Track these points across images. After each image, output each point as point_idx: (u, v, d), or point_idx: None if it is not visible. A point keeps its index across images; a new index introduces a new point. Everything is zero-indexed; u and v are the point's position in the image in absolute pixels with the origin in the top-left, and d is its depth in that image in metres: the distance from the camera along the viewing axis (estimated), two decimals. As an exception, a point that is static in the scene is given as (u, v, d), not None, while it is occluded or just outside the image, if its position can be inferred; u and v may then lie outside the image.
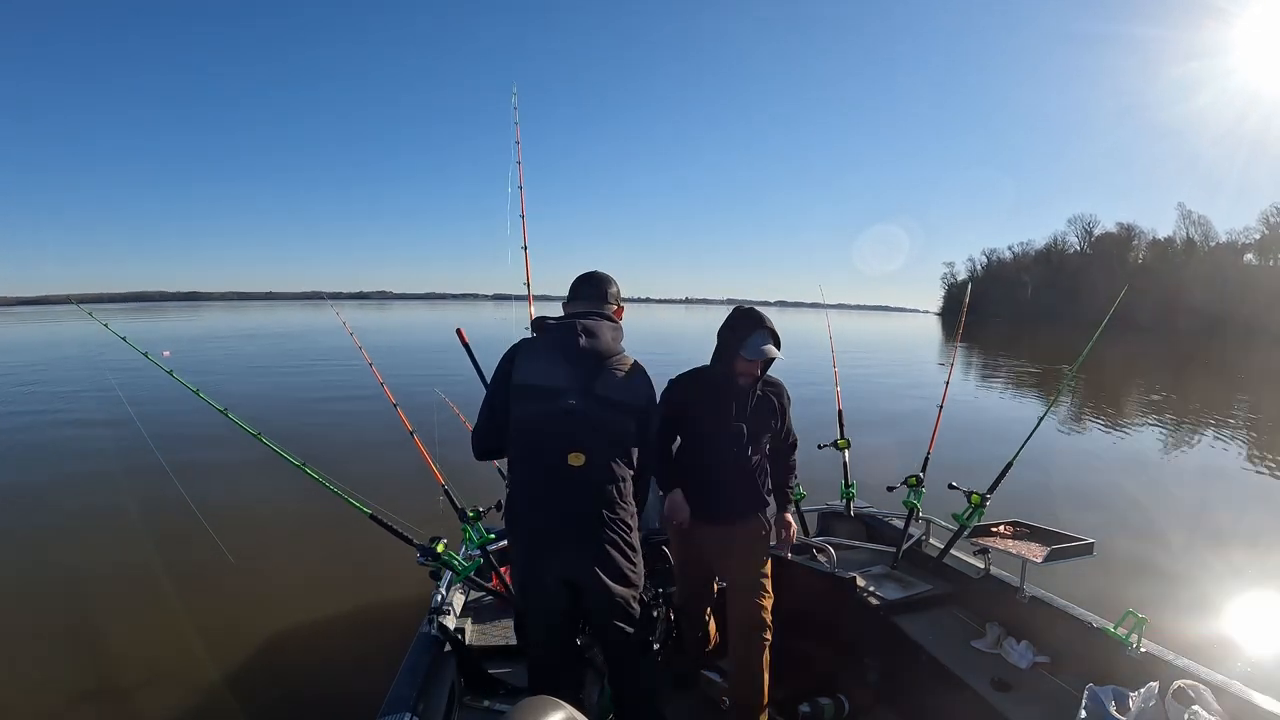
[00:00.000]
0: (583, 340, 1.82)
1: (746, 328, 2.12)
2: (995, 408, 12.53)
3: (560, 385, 1.78)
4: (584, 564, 1.76)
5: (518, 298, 2.78)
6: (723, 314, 2.25)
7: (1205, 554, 4.91)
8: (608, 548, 1.77)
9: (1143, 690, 1.83)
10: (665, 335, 27.58)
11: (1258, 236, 60.36)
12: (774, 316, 2.16)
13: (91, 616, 3.75)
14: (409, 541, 2.40)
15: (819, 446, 3.19)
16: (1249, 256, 61.40)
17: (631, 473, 1.85)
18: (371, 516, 2.48)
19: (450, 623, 2.21)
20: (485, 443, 1.92)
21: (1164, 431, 10.30)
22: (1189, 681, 1.79)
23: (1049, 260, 79.36)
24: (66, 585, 4.17)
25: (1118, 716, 1.81)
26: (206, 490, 5.39)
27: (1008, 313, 74.32)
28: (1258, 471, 7.79)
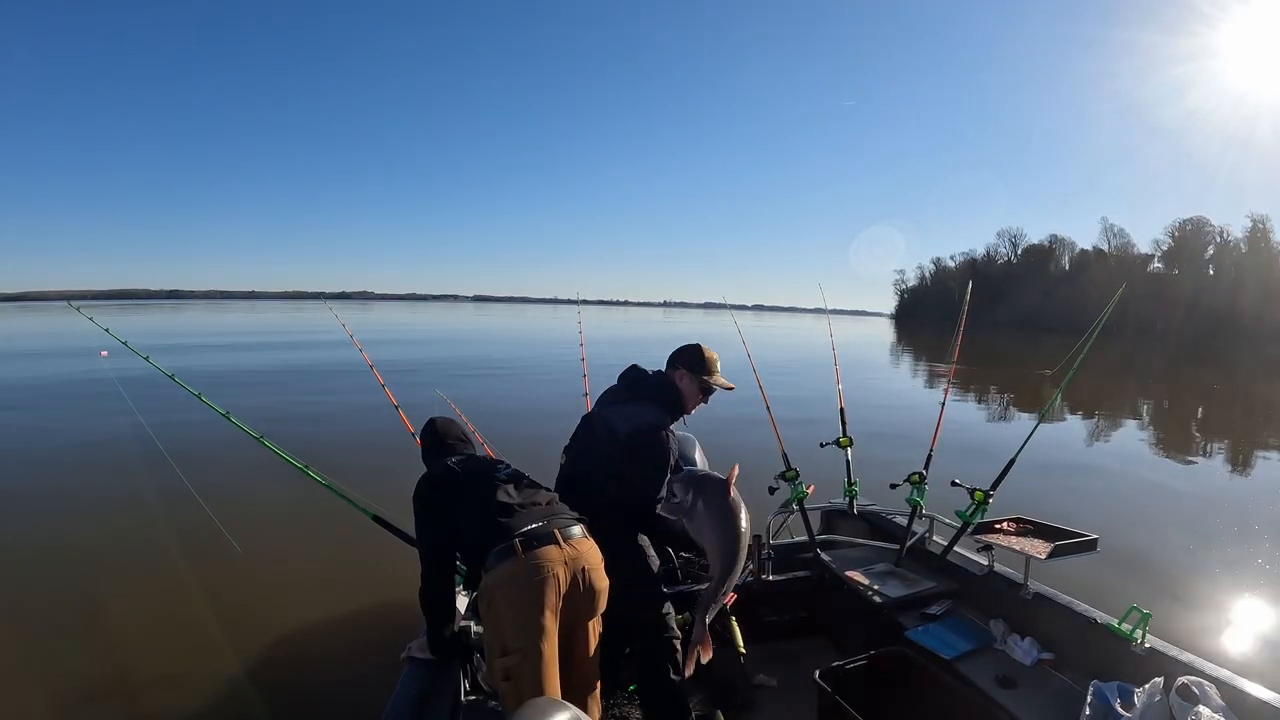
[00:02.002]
0: None
1: None
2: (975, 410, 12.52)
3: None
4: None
5: (497, 299, 2.77)
6: (701, 318, 2.23)
7: (1208, 549, 4.90)
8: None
9: (1148, 686, 1.83)
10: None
11: (1165, 248, 68.96)
12: (751, 320, 2.13)
13: (97, 614, 3.75)
14: (413, 542, 2.40)
15: (821, 445, 3.18)
16: (1157, 265, 69.47)
17: None
18: (375, 518, 2.48)
19: (455, 623, 2.20)
20: None
21: (1161, 430, 10.27)
22: (1194, 677, 1.80)
23: (975, 269, 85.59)
24: (68, 585, 4.15)
25: (1122, 713, 1.80)
26: (212, 489, 5.39)
27: (941, 316, 79.53)
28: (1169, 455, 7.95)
